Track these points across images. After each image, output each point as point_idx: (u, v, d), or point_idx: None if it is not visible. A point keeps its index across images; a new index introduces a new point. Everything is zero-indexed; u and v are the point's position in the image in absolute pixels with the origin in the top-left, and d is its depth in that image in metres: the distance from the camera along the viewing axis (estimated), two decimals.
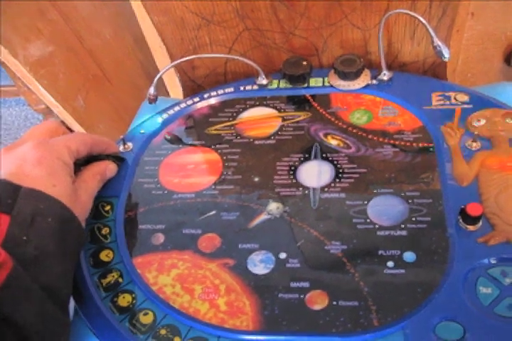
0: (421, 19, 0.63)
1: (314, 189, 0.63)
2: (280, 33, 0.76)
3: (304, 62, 0.74)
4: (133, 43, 1.09)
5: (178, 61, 0.72)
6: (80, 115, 1.02)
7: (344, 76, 0.72)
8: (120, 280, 0.58)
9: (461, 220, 0.56)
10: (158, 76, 0.71)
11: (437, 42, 0.64)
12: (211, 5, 0.72)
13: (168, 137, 0.73)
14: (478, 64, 0.91)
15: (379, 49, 0.70)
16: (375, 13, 0.71)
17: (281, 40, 0.77)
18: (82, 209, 0.58)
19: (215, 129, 0.72)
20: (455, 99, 0.69)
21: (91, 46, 1.02)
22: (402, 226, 0.58)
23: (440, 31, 0.72)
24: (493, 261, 0.53)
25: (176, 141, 0.72)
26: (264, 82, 0.75)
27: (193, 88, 0.85)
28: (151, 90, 0.73)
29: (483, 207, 0.56)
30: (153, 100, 0.73)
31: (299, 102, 0.74)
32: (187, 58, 0.71)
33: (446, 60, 0.64)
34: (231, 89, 0.77)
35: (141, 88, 1.08)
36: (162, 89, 1.10)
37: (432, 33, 0.63)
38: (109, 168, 0.66)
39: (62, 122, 1.02)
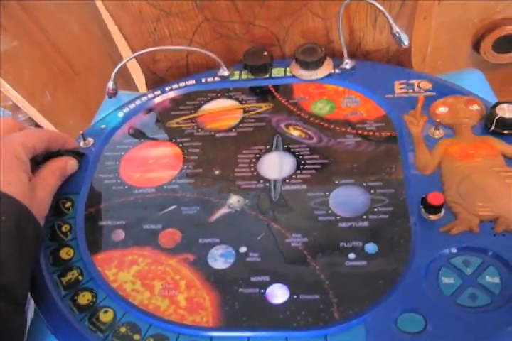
0: (378, 6, 0.62)
1: (276, 181, 0.62)
2: (240, 23, 0.74)
3: (265, 53, 0.73)
4: (101, 36, 1.07)
5: (136, 54, 0.71)
6: (48, 111, 1.00)
7: (305, 66, 0.71)
8: (80, 278, 0.57)
9: (423, 210, 0.55)
10: (115, 70, 0.70)
11: (396, 29, 0.63)
12: None
13: (130, 131, 0.72)
14: (448, 51, 0.90)
15: (340, 38, 0.69)
16: (335, 2, 0.70)
17: (242, 30, 0.76)
18: (40, 207, 0.57)
19: (177, 122, 0.71)
20: (418, 86, 0.68)
21: (57, 40, 1.00)
22: (364, 217, 0.57)
23: (402, 18, 0.72)
24: (455, 251, 0.53)
25: (137, 135, 0.71)
26: (226, 73, 0.74)
27: (156, 81, 0.84)
28: (110, 85, 0.71)
29: (445, 196, 0.55)
30: (112, 94, 0.72)
31: (261, 93, 0.73)
32: (145, 51, 0.70)
33: (406, 46, 0.64)
34: (193, 82, 0.76)
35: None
36: (131, 83, 1.09)
37: (390, 20, 0.62)
38: (70, 164, 0.65)
39: (30, 119, 1.00)
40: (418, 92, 0.67)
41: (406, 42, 0.63)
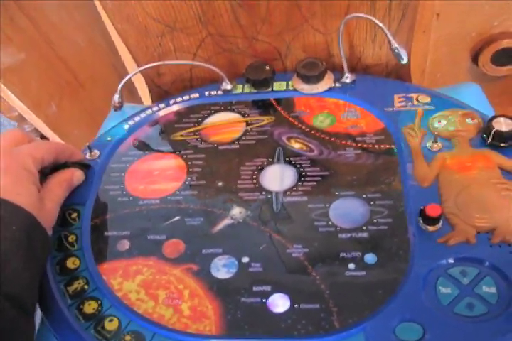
0: (377, 22, 0.63)
1: (277, 193, 0.64)
2: (243, 38, 0.76)
3: (267, 67, 0.74)
4: (107, 49, 1.09)
5: (141, 69, 0.72)
6: (53, 122, 1.02)
7: (307, 80, 0.72)
8: (86, 287, 0.58)
9: (421, 221, 0.57)
10: (121, 84, 0.71)
11: (394, 45, 0.64)
12: (173, 12, 0.73)
13: (135, 144, 0.73)
14: (447, 64, 0.91)
15: (340, 52, 0.70)
16: (336, 17, 0.71)
17: (244, 45, 0.77)
18: (47, 218, 0.59)
19: (181, 135, 0.73)
20: (417, 100, 0.69)
21: (63, 52, 1.02)
22: (364, 228, 0.58)
23: (401, 33, 0.73)
24: (452, 261, 0.54)
25: (142, 147, 0.72)
26: (228, 87, 0.75)
27: (160, 94, 0.86)
28: (116, 98, 0.73)
29: (443, 208, 0.56)
30: (118, 108, 0.73)
31: (263, 106, 0.75)
32: (150, 65, 0.71)
33: (404, 62, 0.65)
34: (196, 95, 0.78)
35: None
36: (136, 96, 1.10)
37: (389, 37, 0.64)
38: (76, 175, 0.66)
39: (36, 129, 1.02)
40: (417, 106, 0.69)
41: (405, 58, 0.64)
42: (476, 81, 0.81)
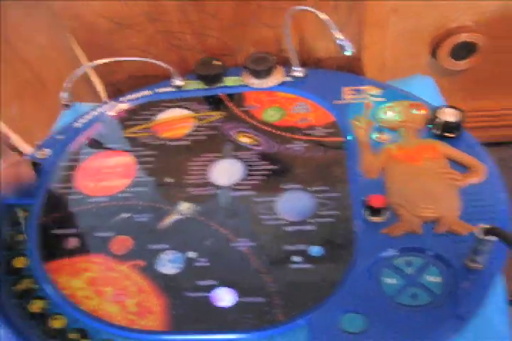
0: (318, 14, 0.63)
1: (225, 187, 0.63)
2: (191, 34, 0.76)
3: (217, 62, 0.74)
4: (69, 47, 1.08)
5: (87, 65, 0.72)
6: (15, 123, 1.01)
7: (256, 74, 0.73)
8: (33, 286, 0.58)
9: (366, 212, 0.57)
10: (68, 82, 0.71)
11: (337, 36, 0.63)
12: (121, 9, 0.72)
13: (86, 142, 0.73)
14: (407, 59, 0.92)
15: (288, 46, 0.70)
16: (284, 11, 0.71)
17: (194, 41, 0.77)
18: None
19: (132, 132, 0.73)
20: (367, 92, 0.70)
21: (24, 53, 1.01)
22: (311, 220, 0.58)
23: (350, 27, 0.73)
24: (397, 252, 0.54)
25: (92, 145, 0.72)
26: (179, 83, 0.75)
27: (114, 92, 0.85)
28: (64, 95, 0.72)
29: (389, 199, 0.56)
30: (66, 106, 0.73)
31: (214, 102, 0.75)
32: (97, 62, 0.70)
33: (349, 54, 0.64)
34: (148, 92, 0.78)
35: (80, 93, 1.07)
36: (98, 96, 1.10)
37: (331, 28, 0.63)
38: (25, 172, 0.66)
39: None
40: (367, 98, 0.69)
41: (349, 50, 0.64)
42: (436, 75, 0.81)
